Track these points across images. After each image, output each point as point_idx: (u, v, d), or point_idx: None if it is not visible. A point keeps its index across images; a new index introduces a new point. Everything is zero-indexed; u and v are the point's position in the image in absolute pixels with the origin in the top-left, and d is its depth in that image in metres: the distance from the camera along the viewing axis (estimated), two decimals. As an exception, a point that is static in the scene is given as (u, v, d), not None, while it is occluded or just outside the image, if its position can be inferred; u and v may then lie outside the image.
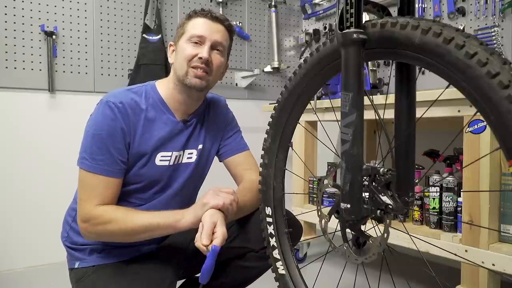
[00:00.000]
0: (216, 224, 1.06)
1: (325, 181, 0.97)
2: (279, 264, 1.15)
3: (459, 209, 1.55)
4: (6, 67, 2.13)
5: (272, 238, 1.15)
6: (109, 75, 2.42)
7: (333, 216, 0.91)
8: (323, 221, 0.96)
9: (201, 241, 1.02)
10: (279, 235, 1.15)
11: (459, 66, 0.67)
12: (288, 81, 1.05)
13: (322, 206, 1.00)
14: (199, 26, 1.20)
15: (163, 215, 1.13)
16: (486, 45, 0.67)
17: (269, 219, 1.15)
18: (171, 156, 1.24)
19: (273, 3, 2.98)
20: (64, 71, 2.28)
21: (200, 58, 1.17)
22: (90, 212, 1.12)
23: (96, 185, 1.13)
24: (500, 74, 0.63)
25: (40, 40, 2.21)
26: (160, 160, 1.23)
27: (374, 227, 0.91)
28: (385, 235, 0.82)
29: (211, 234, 1.04)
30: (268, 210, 1.15)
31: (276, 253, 1.15)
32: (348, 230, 0.89)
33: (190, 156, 1.29)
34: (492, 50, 0.66)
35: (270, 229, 1.15)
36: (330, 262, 2.14)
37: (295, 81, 1.03)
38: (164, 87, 1.25)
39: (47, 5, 2.23)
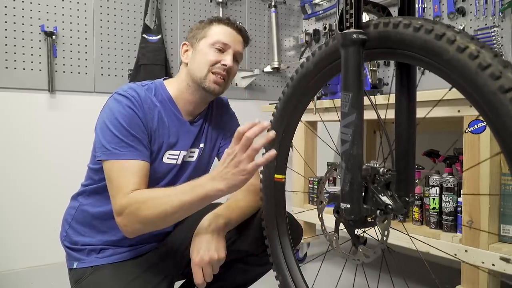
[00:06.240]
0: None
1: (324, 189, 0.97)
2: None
3: (459, 209, 1.55)
4: (6, 67, 2.13)
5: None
6: (109, 75, 2.42)
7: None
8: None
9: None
10: (280, 236, 1.15)
11: (459, 66, 0.67)
12: (289, 82, 1.05)
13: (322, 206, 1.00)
14: (226, 34, 1.23)
15: (186, 188, 1.03)
16: (485, 45, 0.67)
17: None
18: (178, 155, 1.24)
19: (273, 3, 2.98)
20: (64, 71, 2.28)
21: (224, 65, 1.21)
22: (121, 202, 1.05)
23: (127, 173, 1.07)
24: (502, 77, 0.62)
25: (40, 40, 2.21)
26: (168, 158, 1.23)
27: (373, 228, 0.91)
28: (386, 221, 0.82)
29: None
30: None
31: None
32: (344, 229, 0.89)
33: (192, 155, 1.30)
34: (492, 47, 0.66)
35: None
36: (330, 262, 2.14)
37: (296, 82, 1.03)
38: (173, 87, 1.25)
39: (47, 5, 2.23)
